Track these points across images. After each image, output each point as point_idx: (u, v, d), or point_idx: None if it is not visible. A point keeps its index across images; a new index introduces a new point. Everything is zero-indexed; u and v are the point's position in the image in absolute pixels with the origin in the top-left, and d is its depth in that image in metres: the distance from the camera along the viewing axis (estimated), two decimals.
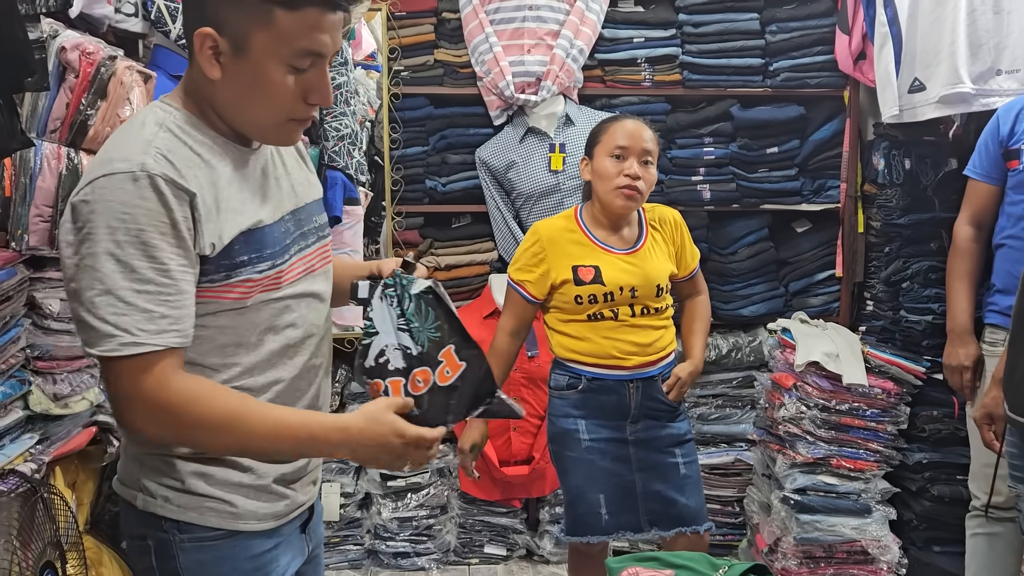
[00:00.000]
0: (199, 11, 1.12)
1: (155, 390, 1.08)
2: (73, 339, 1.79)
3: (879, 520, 2.76)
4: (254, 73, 1.13)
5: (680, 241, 2.26)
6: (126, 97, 1.68)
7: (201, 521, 1.21)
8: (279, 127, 1.19)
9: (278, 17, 1.09)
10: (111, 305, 1.06)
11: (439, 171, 3.23)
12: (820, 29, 3.14)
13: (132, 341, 1.06)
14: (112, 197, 1.06)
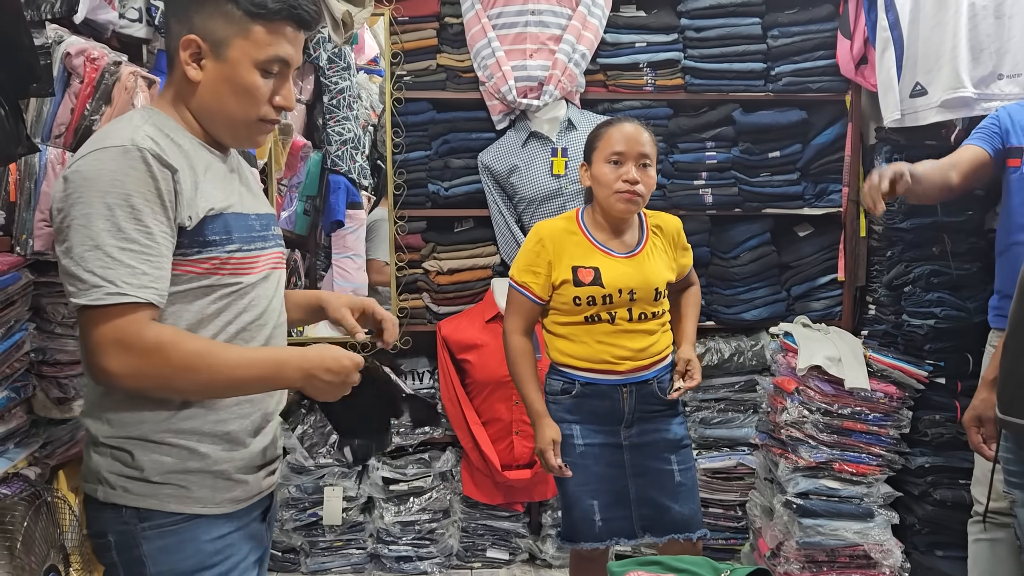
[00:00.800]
0: (186, 23, 1.29)
1: (132, 335, 1.19)
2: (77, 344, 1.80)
3: (881, 524, 2.75)
4: (230, 76, 1.30)
5: (684, 245, 2.30)
6: (130, 102, 1.68)
7: (160, 507, 1.29)
8: (249, 126, 1.35)
9: (254, 28, 1.29)
10: (99, 260, 1.18)
11: (441, 175, 3.24)
12: (822, 33, 3.14)
13: (117, 291, 1.18)
14: (103, 166, 1.20)
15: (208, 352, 1.25)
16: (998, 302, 2.31)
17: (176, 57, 1.31)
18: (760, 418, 3.08)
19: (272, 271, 1.43)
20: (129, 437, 1.28)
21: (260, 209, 1.44)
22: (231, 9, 1.28)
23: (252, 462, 1.38)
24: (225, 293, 1.32)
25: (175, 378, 1.23)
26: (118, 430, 1.29)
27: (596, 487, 2.19)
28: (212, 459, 1.32)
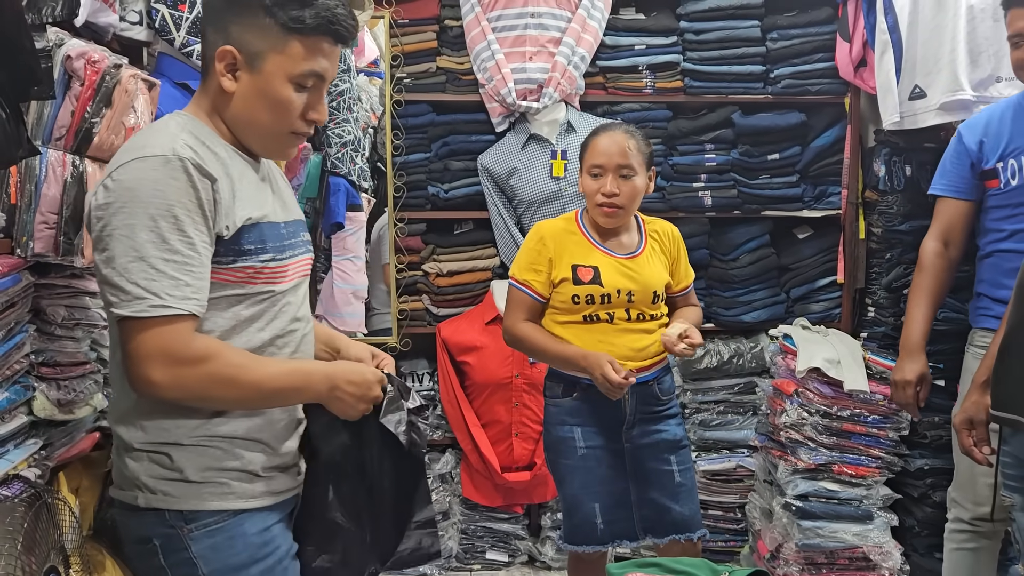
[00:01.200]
0: (223, 33, 1.30)
1: (178, 347, 1.20)
2: (78, 345, 1.80)
3: (881, 526, 2.75)
4: (264, 89, 1.30)
5: (676, 255, 2.29)
6: (131, 105, 1.69)
7: (203, 506, 1.29)
8: (280, 138, 1.36)
9: (291, 43, 1.29)
10: (143, 271, 1.18)
11: (441, 177, 3.24)
12: (821, 36, 3.15)
13: (161, 303, 1.19)
14: (145, 176, 1.20)
15: (247, 365, 1.27)
16: (980, 303, 2.32)
17: (211, 66, 1.31)
18: (759, 420, 3.09)
19: (303, 279, 1.45)
20: (165, 442, 1.29)
21: (290, 216, 1.45)
22: (269, 23, 1.28)
23: (283, 463, 1.40)
24: (258, 300, 1.34)
25: (214, 389, 1.25)
26: (153, 436, 1.29)
27: (598, 490, 2.19)
28: (247, 460, 1.34)
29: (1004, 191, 2.20)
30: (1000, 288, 2.22)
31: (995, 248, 2.24)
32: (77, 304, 1.76)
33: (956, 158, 2.29)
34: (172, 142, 1.23)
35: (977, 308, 2.33)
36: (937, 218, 2.35)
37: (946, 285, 2.35)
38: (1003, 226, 2.22)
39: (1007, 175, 2.18)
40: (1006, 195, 2.20)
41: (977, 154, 2.23)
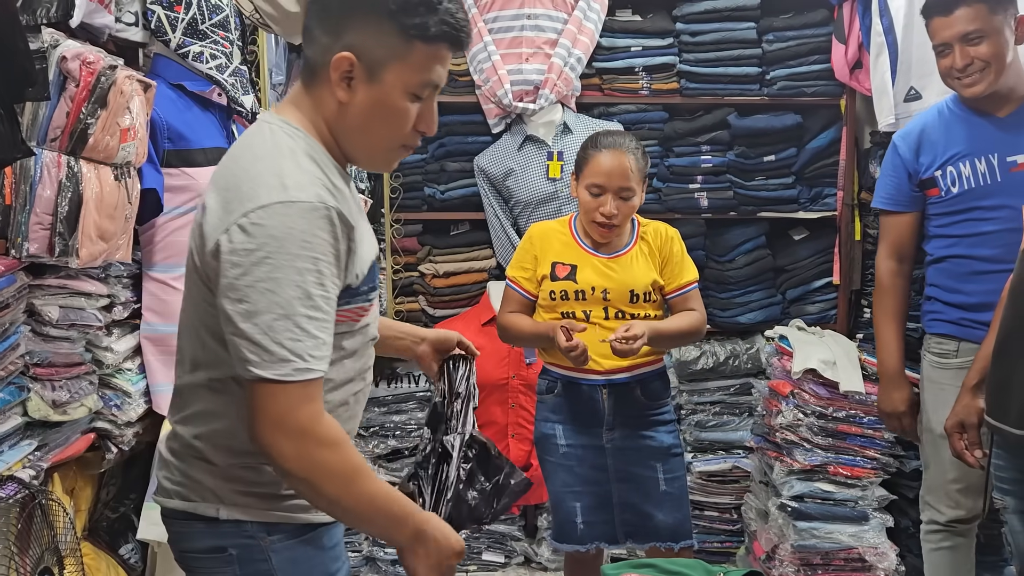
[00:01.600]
0: (337, 37, 1.18)
1: (310, 421, 1.12)
2: (72, 346, 1.80)
3: (876, 527, 2.76)
4: (382, 100, 1.20)
5: (668, 254, 2.24)
6: (126, 106, 1.69)
7: (287, 519, 1.25)
8: (390, 152, 1.27)
9: (415, 50, 1.18)
10: (289, 331, 1.09)
11: (437, 178, 3.24)
12: (816, 38, 3.15)
13: (305, 367, 1.10)
14: (293, 224, 1.10)
15: (365, 471, 1.18)
16: (933, 307, 2.32)
17: (321, 73, 1.20)
18: (755, 421, 3.09)
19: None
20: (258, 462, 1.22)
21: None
22: (391, 29, 1.17)
23: None
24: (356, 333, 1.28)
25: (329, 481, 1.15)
26: (246, 458, 1.23)
27: (579, 489, 2.20)
28: None
29: (945, 199, 2.22)
30: (955, 293, 2.24)
31: (946, 254, 2.26)
32: (72, 305, 1.76)
33: (893, 170, 2.31)
34: (313, 185, 1.14)
35: (929, 313, 2.34)
36: (885, 235, 2.37)
37: (908, 301, 2.38)
38: (949, 231, 2.24)
39: (947, 183, 2.20)
40: (948, 203, 2.22)
41: (914, 164, 2.25)
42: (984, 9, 2.04)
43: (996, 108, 2.16)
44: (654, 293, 2.21)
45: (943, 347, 2.28)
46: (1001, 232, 2.14)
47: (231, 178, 1.16)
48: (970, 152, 2.17)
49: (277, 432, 1.11)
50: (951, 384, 2.25)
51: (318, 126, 1.23)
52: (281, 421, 1.11)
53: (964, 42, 2.07)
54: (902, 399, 2.32)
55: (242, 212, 1.11)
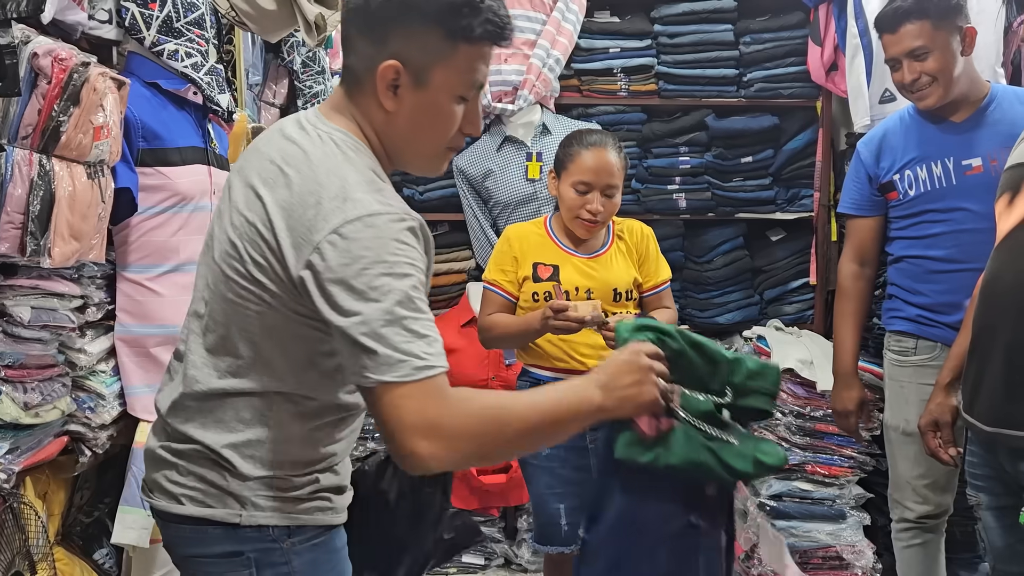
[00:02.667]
0: (382, 45, 1.16)
1: (440, 408, 1.09)
2: (45, 347, 1.77)
3: (853, 525, 2.78)
4: (430, 105, 1.19)
5: (645, 252, 2.27)
6: (99, 104, 1.67)
7: (310, 522, 1.24)
8: (438, 156, 1.26)
9: (459, 51, 1.17)
10: (398, 334, 1.08)
11: (416, 180, 3.23)
12: (793, 40, 3.18)
13: (424, 364, 1.08)
14: (385, 234, 1.09)
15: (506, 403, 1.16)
16: (894, 304, 2.38)
17: (366, 81, 1.17)
18: None
19: None
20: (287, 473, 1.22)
21: None
22: (436, 32, 1.15)
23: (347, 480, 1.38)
24: None
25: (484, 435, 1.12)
26: (277, 469, 1.21)
27: (562, 491, 2.20)
28: (342, 475, 1.31)
29: (904, 202, 2.27)
30: (914, 294, 2.29)
31: (903, 254, 2.32)
32: (44, 306, 1.73)
33: (856, 175, 2.37)
34: (393, 198, 1.15)
35: (890, 311, 2.40)
36: (849, 238, 2.44)
37: (868, 304, 2.43)
38: (906, 233, 2.30)
39: (904, 186, 2.26)
40: (905, 206, 2.28)
41: (875, 169, 2.31)
42: (928, 26, 2.10)
43: (952, 114, 2.21)
44: (634, 291, 2.23)
45: (902, 345, 2.33)
46: (954, 233, 2.20)
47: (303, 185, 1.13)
48: (927, 156, 2.22)
49: (413, 435, 1.08)
50: (910, 382, 2.29)
51: (368, 135, 1.21)
52: (414, 424, 1.08)
53: (911, 58, 2.13)
54: (851, 399, 2.37)
55: (331, 228, 1.09)
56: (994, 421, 1.62)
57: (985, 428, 1.63)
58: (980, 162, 2.17)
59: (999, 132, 2.16)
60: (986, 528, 1.75)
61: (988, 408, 1.63)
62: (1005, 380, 1.59)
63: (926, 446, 2.01)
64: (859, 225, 2.39)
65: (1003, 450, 1.63)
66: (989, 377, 1.62)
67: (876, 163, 2.30)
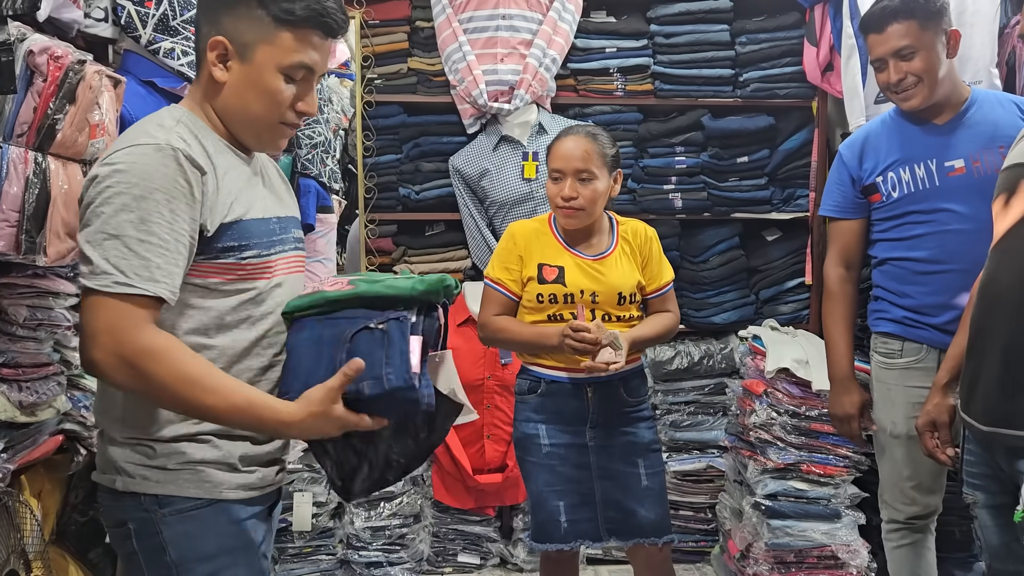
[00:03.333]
0: (215, 24, 1.32)
1: (127, 333, 1.19)
2: (40, 346, 1.77)
3: (849, 525, 2.79)
4: (255, 79, 1.33)
5: (648, 255, 2.25)
6: (95, 101, 1.66)
7: (180, 492, 1.30)
8: (271, 129, 1.37)
9: (280, 34, 1.31)
10: (116, 248, 1.19)
11: (412, 179, 3.23)
12: (789, 41, 3.19)
13: (125, 282, 1.19)
14: (137, 161, 1.22)
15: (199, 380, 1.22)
16: (879, 306, 2.38)
17: (204, 57, 1.33)
18: (729, 421, 3.11)
19: (288, 276, 1.43)
20: (149, 438, 1.30)
21: (283, 212, 1.45)
22: (260, 14, 1.30)
23: (267, 457, 1.40)
24: (243, 300, 1.34)
25: (154, 391, 1.22)
26: (137, 432, 1.30)
27: (562, 488, 2.19)
28: (227, 451, 1.34)
29: (887, 203, 2.28)
30: (901, 296, 2.30)
31: (887, 256, 2.33)
32: (40, 304, 1.73)
33: (839, 177, 2.37)
34: (167, 134, 1.25)
35: (876, 312, 2.39)
36: (833, 241, 2.43)
37: (856, 305, 2.42)
38: (890, 235, 2.30)
39: (887, 188, 2.26)
40: (888, 207, 2.28)
41: (858, 171, 2.31)
42: (915, 25, 2.11)
43: (934, 116, 2.22)
44: (637, 294, 2.21)
45: (888, 347, 2.33)
46: (938, 234, 2.20)
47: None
48: (909, 158, 2.23)
49: (95, 342, 1.19)
50: (897, 384, 2.30)
51: (204, 107, 1.36)
52: (99, 331, 1.19)
53: (897, 57, 2.14)
54: (852, 403, 2.36)
55: (103, 158, 1.25)
56: (991, 420, 1.62)
57: (982, 428, 1.64)
58: (962, 163, 2.18)
59: (980, 134, 2.18)
60: (982, 526, 1.76)
61: (985, 407, 1.64)
62: (1001, 380, 1.59)
63: (923, 446, 2.01)
64: (843, 228, 2.39)
65: (999, 449, 1.64)
66: (986, 376, 1.63)
67: (859, 165, 2.30)
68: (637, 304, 2.23)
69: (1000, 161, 2.16)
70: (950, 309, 2.18)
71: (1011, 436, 1.59)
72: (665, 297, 2.29)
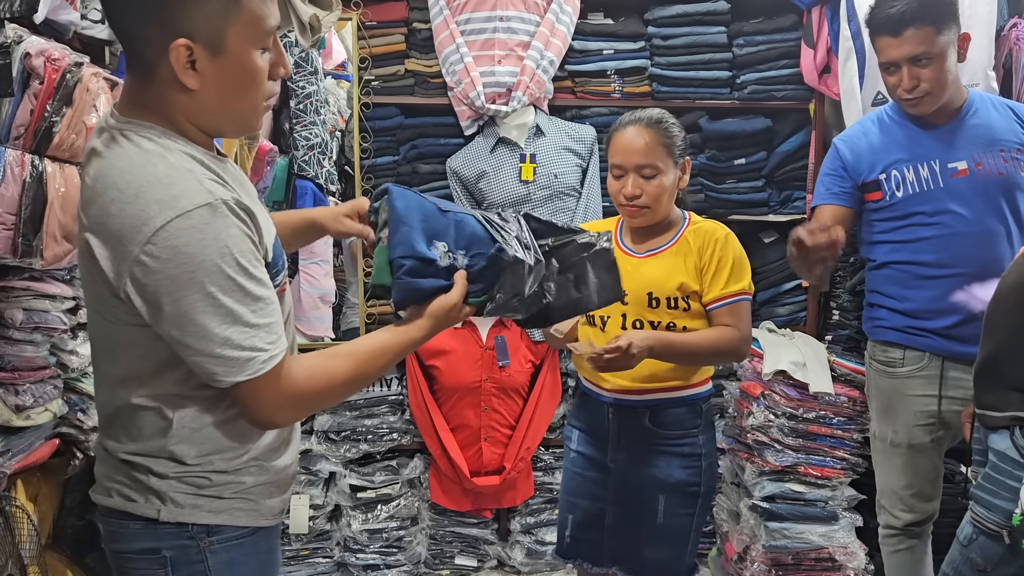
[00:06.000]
0: (165, 26, 1.10)
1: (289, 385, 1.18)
2: (36, 349, 1.76)
3: (846, 527, 2.79)
4: (237, 69, 1.15)
5: (709, 260, 1.97)
6: (92, 104, 1.66)
7: (232, 521, 1.26)
8: (258, 111, 1.23)
9: (243, 3, 1.12)
10: (241, 332, 1.12)
11: (409, 181, 3.22)
12: (786, 43, 3.18)
13: (268, 356, 1.15)
14: (203, 234, 1.08)
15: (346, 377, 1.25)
16: (877, 314, 2.34)
17: (160, 68, 1.12)
18: (727, 423, 3.11)
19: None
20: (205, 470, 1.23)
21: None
22: None
23: (293, 470, 1.39)
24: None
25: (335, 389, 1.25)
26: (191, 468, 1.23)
27: (575, 501, 2.13)
28: (276, 470, 1.32)
29: (889, 203, 2.24)
30: (902, 301, 2.26)
31: (889, 259, 2.28)
32: (36, 307, 1.72)
33: (833, 171, 2.32)
34: (200, 183, 1.10)
35: (874, 319, 2.36)
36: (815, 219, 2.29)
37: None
38: (892, 237, 2.26)
39: (891, 186, 2.23)
40: (891, 208, 2.24)
41: (855, 167, 2.28)
42: (932, 32, 2.07)
43: (936, 118, 2.21)
44: (683, 300, 1.95)
45: (889, 355, 2.31)
46: (944, 237, 2.18)
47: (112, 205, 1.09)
48: (913, 158, 2.20)
49: (275, 413, 1.19)
50: (898, 393, 2.28)
51: (174, 120, 1.17)
52: (273, 405, 1.18)
53: (912, 63, 2.10)
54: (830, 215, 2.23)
55: (143, 241, 1.07)
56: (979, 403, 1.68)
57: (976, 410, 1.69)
58: (965, 165, 2.16)
59: (980, 136, 2.17)
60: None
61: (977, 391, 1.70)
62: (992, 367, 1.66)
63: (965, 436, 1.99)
64: (826, 210, 2.29)
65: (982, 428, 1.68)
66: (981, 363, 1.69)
67: (858, 160, 2.26)
68: (686, 312, 1.96)
69: (1000, 164, 2.16)
70: (952, 313, 2.17)
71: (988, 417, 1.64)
72: (727, 310, 1.96)
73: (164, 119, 1.16)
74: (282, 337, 1.17)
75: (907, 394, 2.26)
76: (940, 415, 2.24)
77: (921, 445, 2.28)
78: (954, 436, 2.32)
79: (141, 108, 1.16)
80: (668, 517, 2.02)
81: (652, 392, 2.00)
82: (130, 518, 1.23)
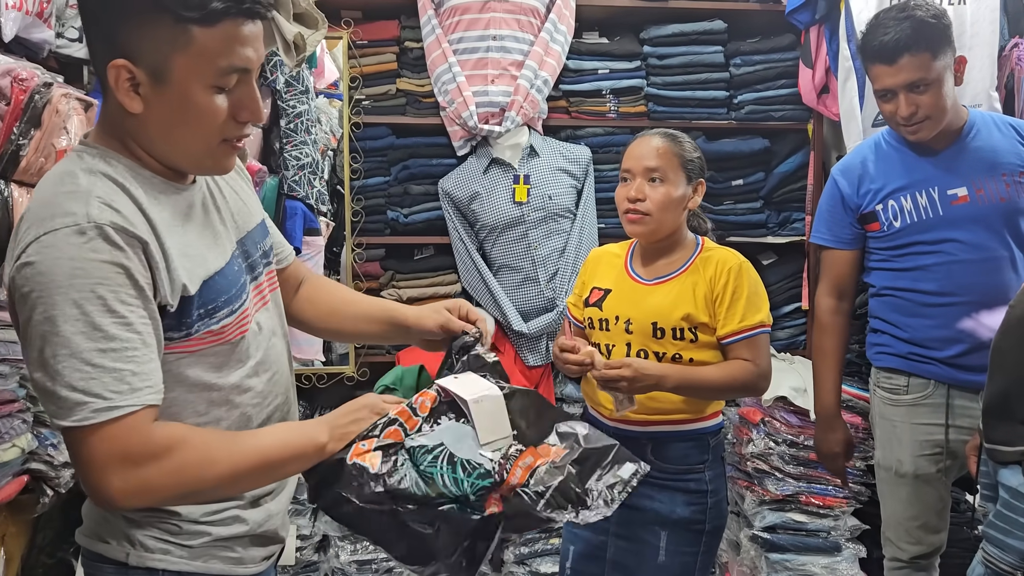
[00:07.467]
0: (109, 42, 1.03)
1: (137, 447, 1.01)
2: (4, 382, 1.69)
3: (849, 558, 2.72)
4: (179, 101, 1.05)
5: (723, 289, 1.88)
6: (63, 126, 1.60)
7: (205, 569, 1.18)
8: (212, 153, 1.12)
9: (196, 36, 1.02)
10: (77, 370, 0.98)
11: (401, 202, 3.17)
12: (784, 63, 3.14)
13: (105, 406, 0.99)
14: (60, 254, 0.98)
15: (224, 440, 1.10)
16: (880, 340, 2.29)
17: (107, 86, 1.06)
18: (726, 450, 3.03)
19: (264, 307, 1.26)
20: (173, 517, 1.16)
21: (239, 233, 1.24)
22: (164, 19, 1.01)
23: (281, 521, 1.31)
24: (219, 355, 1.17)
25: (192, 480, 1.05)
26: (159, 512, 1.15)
27: (577, 532, 2.06)
28: (253, 523, 1.23)
29: (887, 233, 2.19)
30: (904, 329, 2.21)
31: (891, 286, 2.23)
32: (3, 338, 1.65)
33: (833, 204, 2.27)
34: (84, 203, 1.01)
35: (876, 346, 2.31)
36: (825, 271, 2.33)
37: (847, 339, 2.33)
38: (892, 265, 2.22)
39: (888, 217, 2.17)
40: (889, 237, 2.19)
41: (855, 198, 2.22)
42: (928, 57, 2.02)
43: (934, 143, 2.14)
44: (689, 331, 1.86)
45: (893, 382, 2.25)
46: (946, 265, 2.12)
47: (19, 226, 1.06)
48: (911, 186, 2.15)
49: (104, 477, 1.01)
50: (903, 421, 2.22)
51: (123, 140, 1.10)
52: (103, 465, 1.00)
53: (909, 90, 2.05)
54: (837, 441, 2.28)
55: (15, 254, 1.01)
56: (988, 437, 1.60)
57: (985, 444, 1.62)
58: (966, 191, 2.10)
59: (981, 160, 2.11)
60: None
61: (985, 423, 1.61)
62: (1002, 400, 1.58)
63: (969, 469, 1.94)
64: (837, 257, 2.29)
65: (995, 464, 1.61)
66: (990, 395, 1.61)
67: (855, 191, 2.21)
68: (695, 344, 1.87)
69: (1002, 188, 2.10)
70: (957, 342, 2.11)
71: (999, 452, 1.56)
72: (745, 345, 1.87)
73: (119, 141, 1.10)
74: (141, 391, 1.01)
75: (912, 422, 2.20)
76: (947, 444, 2.18)
77: (927, 475, 2.22)
78: (961, 466, 2.25)
79: (104, 128, 1.11)
80: (671, 555, 1.93)
81: (655, 424, 1.91)
82: (103, 560, 1.17)
